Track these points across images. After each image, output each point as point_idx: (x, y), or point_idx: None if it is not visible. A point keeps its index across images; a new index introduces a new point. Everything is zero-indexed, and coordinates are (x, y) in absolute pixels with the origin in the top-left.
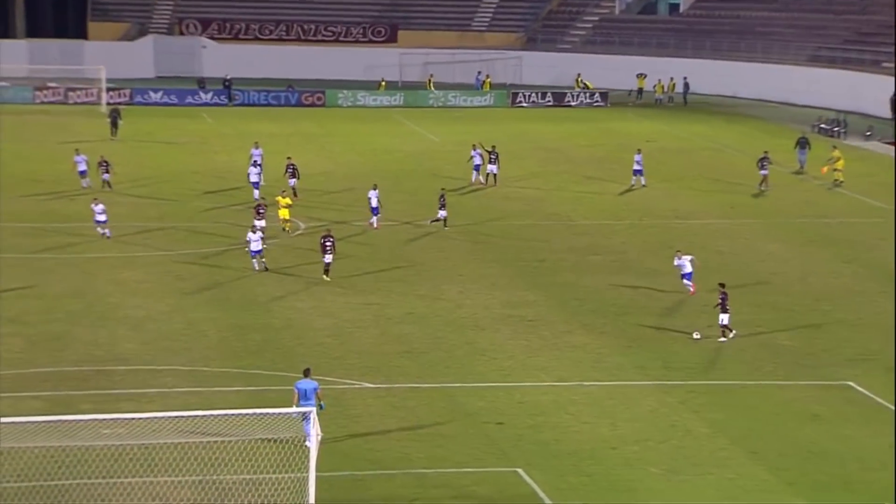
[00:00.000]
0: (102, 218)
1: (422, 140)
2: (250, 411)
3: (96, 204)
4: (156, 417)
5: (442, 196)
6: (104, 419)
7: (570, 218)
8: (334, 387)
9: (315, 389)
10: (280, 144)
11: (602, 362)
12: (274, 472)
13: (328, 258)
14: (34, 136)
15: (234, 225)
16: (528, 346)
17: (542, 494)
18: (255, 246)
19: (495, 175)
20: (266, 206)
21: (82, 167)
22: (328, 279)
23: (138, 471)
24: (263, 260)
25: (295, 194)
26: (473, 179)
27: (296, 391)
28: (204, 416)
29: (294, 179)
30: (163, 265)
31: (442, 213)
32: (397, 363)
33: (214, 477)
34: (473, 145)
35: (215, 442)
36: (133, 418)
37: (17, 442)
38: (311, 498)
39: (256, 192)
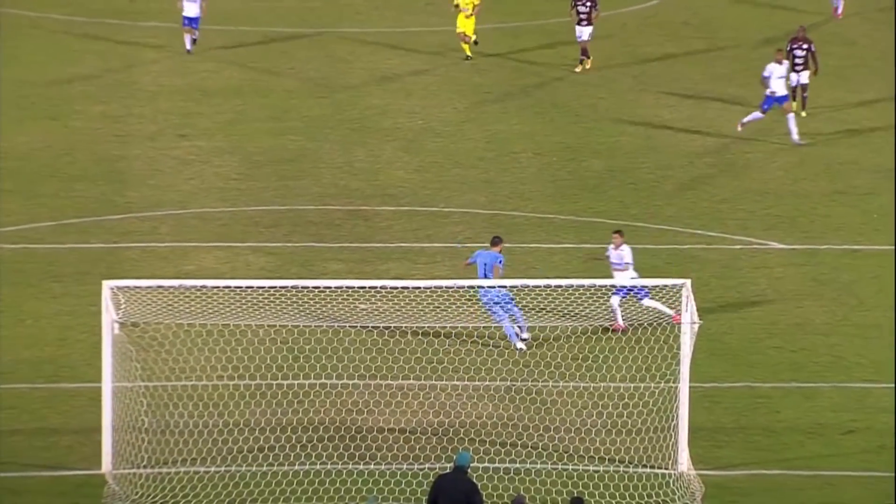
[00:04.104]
0: (195, 13)
1: None
2: (586, 282)
3: None
4: (439, 287)
5: None
6: (360, 287)
7: None
8: (722, 248)
9: (497, 262)
10: None
11: None
12: (620, 380)
13: (801, 77)
14: None
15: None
16: None
17: None
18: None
19: None
20: None
21: None
22: (803, 113)
23: (412, 369)
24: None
25: None
26: None
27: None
28: (515, 286)
29: None
30: (451, 50)
31: None
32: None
33: (528, 383)
34: None
35: (530, 330)
36: (405, 287)
37: (231, 318)
38: (682, 419)
39: None
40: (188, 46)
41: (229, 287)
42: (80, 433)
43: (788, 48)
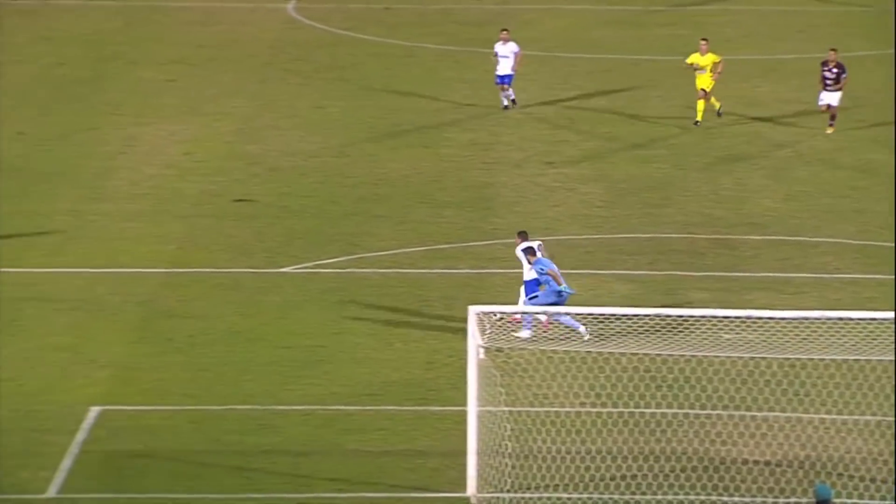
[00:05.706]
0: (507, 70)
1: None
2: None
3: (504, 41)
4: (806, 318)
5: None
6: (725, 316)
7: None
8: None
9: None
10: None
11: None
12: None
13: None
14: None
15: None
16: None
17: None
18: None
19: None
20: None
21: None
22: None
23: (777, 400)
24: None
25: None
26: None
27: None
28: (874, 319)
29: None
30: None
31: None
32: None
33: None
34: None
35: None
36: (771, 318)
37: (594, 345)
38: None
39: None
40: (504, 103)
41: (593, 314)
42: (446, 456)
43: None
